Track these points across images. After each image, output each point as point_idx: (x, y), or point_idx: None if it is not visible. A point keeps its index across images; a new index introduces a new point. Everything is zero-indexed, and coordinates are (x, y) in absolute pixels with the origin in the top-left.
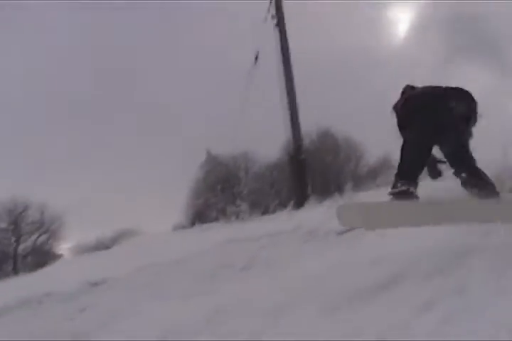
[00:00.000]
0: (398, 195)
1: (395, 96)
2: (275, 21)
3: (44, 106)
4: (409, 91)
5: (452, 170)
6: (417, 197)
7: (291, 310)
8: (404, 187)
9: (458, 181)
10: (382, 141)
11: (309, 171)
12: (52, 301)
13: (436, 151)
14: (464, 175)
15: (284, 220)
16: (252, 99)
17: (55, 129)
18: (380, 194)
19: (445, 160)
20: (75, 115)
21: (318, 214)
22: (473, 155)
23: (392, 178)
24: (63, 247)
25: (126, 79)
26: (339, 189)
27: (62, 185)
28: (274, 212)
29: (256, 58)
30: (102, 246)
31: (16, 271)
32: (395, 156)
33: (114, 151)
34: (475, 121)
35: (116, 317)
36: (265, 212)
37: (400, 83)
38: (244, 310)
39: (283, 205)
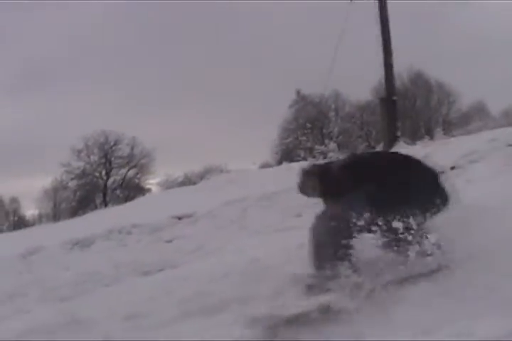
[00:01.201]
0: None
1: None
2: None
3: (140, 41)
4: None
5: None
6: None
7: None
8: None
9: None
10: (477, 86)
11: (400, 113)
12: (141, 232)
13: None
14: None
15: None
16: (345, 39)
17: (149, 64)
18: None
19: None
20: (168, 50)
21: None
22: None
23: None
24: (151, 182)
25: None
26: (429, 133)
27: (153, 120)
28: None
29: None
30: (189, 181)
31: (105, 204)
32: (490, 103)
33: (204, 89)
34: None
35: (202, 248)
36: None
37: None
38: None
39: (372, 147)
